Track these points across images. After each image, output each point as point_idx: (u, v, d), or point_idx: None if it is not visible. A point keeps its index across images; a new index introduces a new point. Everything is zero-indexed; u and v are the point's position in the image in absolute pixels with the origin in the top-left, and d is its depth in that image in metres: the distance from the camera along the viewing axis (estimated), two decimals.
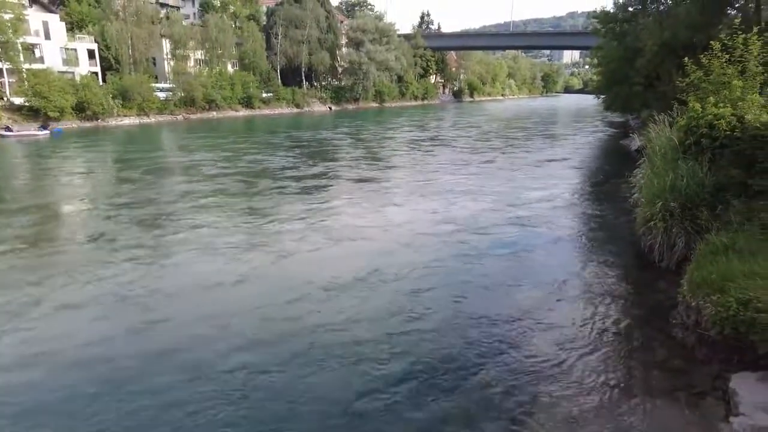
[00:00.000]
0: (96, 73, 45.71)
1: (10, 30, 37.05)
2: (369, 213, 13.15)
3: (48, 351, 6.14)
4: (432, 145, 28.56)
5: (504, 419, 4.86)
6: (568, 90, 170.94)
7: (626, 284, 8.11)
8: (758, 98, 8.38)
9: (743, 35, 9.21)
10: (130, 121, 43.78)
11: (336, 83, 71.82)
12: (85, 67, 45.38)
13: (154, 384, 5.42)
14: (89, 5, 50.50)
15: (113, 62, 46.99)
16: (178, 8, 63.32)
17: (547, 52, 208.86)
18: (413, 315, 7.06)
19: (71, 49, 44.67)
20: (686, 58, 10.42)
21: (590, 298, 7.49)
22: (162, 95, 47.88)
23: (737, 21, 11.20)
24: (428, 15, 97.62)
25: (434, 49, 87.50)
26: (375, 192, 15.84)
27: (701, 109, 8.53)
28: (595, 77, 43.74)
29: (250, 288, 8.17)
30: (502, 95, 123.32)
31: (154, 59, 52.26)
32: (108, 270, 8.76)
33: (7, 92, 38.65)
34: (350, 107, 68.51)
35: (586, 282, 8.14)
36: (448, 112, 63.96)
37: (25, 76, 37.84)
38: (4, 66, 38.84)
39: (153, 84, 47.32)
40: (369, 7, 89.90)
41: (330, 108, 66.09)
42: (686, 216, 7.96)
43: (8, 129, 33.82)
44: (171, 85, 49.79)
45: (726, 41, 9.34)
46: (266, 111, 57.42)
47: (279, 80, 61.54)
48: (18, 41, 38.10)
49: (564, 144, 29.73)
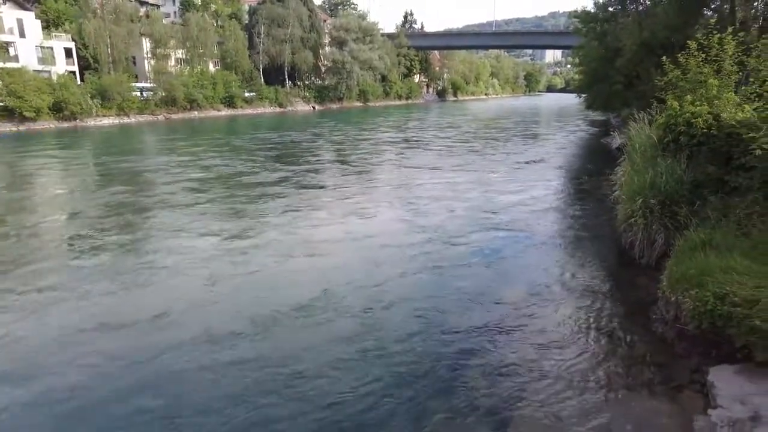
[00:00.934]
0: (74, 73, 44.75)
1: None
2: (329, 224, 11.74)
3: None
4: (407, 147, 27.67)
5: (487, 419, 4.87)
6: (551, 89, 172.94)
7: (607, 281, 8.20)
8: (733, 97, 8.55)
9: (718, 35, 9.39)
10: (110, 122, 42.99)
11: (320, 83, 71.54)
12: (62, 66, 44.40)
13: None
14: (66, 2, 49.45)
15: (91, 61, 46.02)
16: (158, 6, 62.30)
17: (530, 52, 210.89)
18: (378, 335, 6.43)
19: (47, 48, 43.66)
20: (664, 58, 10.59)
21: (572, 297, 7.56)
22: (142, 95, 47.13)
23: (713, 21, 11.41)
24: (411, 14, 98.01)
25: (418, 49, 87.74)
26: (340, 200, 14.35)
27: (679, 108, 8.69)
28: (577, 76, 44.33)
29: (169, 332, 6.53)
30: (486, 94, 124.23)
31: (134, 58, 51.38)
32: None
33: None
34: (334, 107, 68.28)
35: (568, 280, 8.20)
36: (431, 112, 63.91)
37: None
38: None
39: (133, 83, 46.52)
40: (352, 6, 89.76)
41: (314, 107, 65.79)
42: (665, 213, 8.08)
43: None
44: (151, 85, 49.00)
45: (702, 41, 9.52)
46: (249, 111, 56.91)
47: (262, 79, 61.03)
48: None
49: (545, 143, 29.69)
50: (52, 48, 44.20)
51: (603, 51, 24.70)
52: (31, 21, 43.13)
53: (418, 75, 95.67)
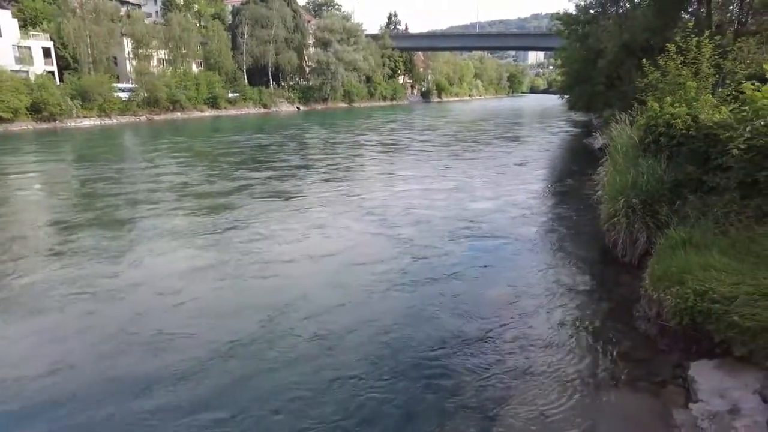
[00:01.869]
0: (52, 73, 43.91)
1: None
2: (287, 240, 10.38)
3: None
4: (383, 151, 26.43)
5: (472, 419, 4.91)
6: (534, 90, 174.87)
7: (591, 280, 8.33)
8: (711, 98, 8.79)
9: (696, 38, 9.63)
10: (90, 123, 42.28)
11: (304, 83, 71.31)
12: (41, 66, 43.56)
13: None
14: (44, 1, 48.48)
15: (71, 61, 45.21)
16: (140, 6, 61.50)
17: (513, 53, 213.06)
18: (340, 356, 5.96)
19: (25, 47, 42.80)
20: (644, 60, 10.83)
21: (556, 296, 7.66)
22: (124, 95, 46.43)
23: (690, 25, 11.70)
24: (395, 15, 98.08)
25: (402, 50, 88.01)
26: (301, 211, 12.99)
27: (659, 109, 8.89)
28: (559, 78, 44.93)
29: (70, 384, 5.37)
30: (469, 95, 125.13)
31: (116, 58, 50.63)
32: None
33: None
34: (319, 107, 68.13)
35: (552, 280, 8.30)
36: (414, 113, 63.83)
37: None
38: None
39: (114, 84, 45.82)
40: (336, 7, 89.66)
41: (298, 108, 65.57)
42: (647, 212, 8.25)
43: None
44: (133, 85, 48.32)
45: (680, 44, 9.76)
46: (232, 111, 56.50)
47: (245, 80, 60.64)
48: None
49: (528, 145, 29.48)
50: (30, 48, 43.33)
51: (585, 53, 25.10)
52: (8, 20, 42.22)
53: (403, 76, 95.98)
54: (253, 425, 4.77)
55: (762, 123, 6.60)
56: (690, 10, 18.81)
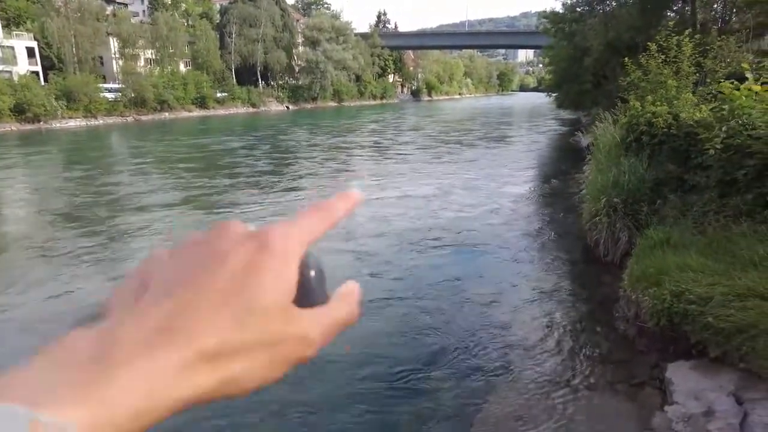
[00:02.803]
0: (36, 73, 43.30)
1: None
2: None
3: None
4: (364, 154, 25.16)
5: (450, 420, 4.88)
6: (524, 88, 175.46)
7: (573, 280, 8.32)
8: (691, 97, 8.80)
9: (677, 37, 9.65)
10: (76, 124, 41.77)
11: (293, 82, 71.01)
12: (24, 66, 42.96)
13: None
14: (27, 0, 47.80)
15: (56, 61, 44.64)
16: (126, 5, 60.83)
17: (503, 52, 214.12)
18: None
19: (8, 47, 42.19)
20: (626, 59, 10.84)
21: (537, 296, 7.63)
22: (111, 96, 45.91)
23: (671, 24, 11.74)
24: (385, 14, 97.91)
25: (392, 48, 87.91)
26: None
27: (641, 108, 8.89)
28: (548, 76, 45.11)
29: None
30: (459, 94, 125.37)
31: (102, 58, 50.03)
32: None
33: None
34: (308, 106, 67.85)
35: (533, 280, 8.28)
36: (403, 111, 63.36)
37: None
38: None
39: (101, 84, 45.29)
40: (325, 6, 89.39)
41: (287, 107, 65.31)
42: (628, 211, 8.25)
43: None
44: (120, 86, 47.80)
45: (662, 43, 9.77)
46: (221, 111, 56.13)
47: (234, 80, 60.25)
48: None
49: (514, 145, 28.71)
50: (13, 47, 42.72)
51: (572, 51, 25.18)
52: None
53: (393, 75, 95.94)
54: None
55: (738, 122, 6.60)
56: (675, 9, 18.91)
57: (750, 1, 13.46)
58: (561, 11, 26.93)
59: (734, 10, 16.16)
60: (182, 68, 56.12)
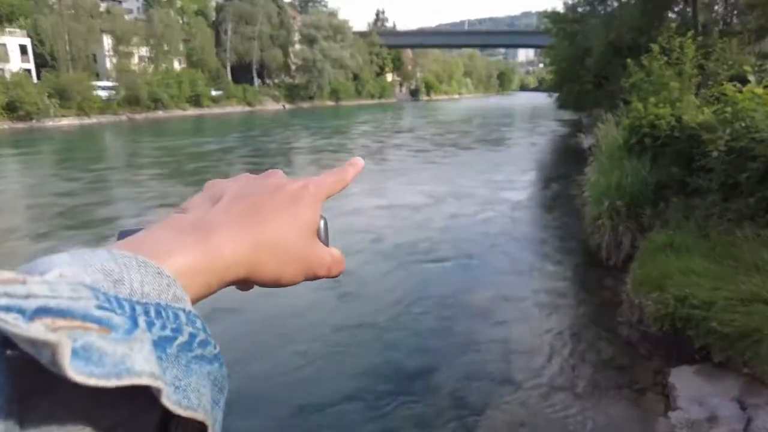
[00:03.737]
0: (29, 71, 42.90)
1: None
2: None
3: None
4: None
5: (451, 426, 4.82)
6: (524, 88, 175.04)
7: (576, 284, 8.26)
8: (694, 99, 8.76)
9: (679, 39, 9.61)
10: (69, 122, 41.36)
11: (290, 81, 70.69)
12: (17, 64, 42.52)
13: None
14: None
15: (49, 59, 44.23)
16: (120, 2, 60.42)
17: (503, 51, 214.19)
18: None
19: (0, 45, 41.73)
20: (629, 60, 10.79)
21: (540, 300, 7.58)
22: (104, 94, 45.51)
23: (674, 25, 11.68)
24: (383, 12, 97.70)
25: (390, 47, 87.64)
26: None
27: (643, 109, 8.84)
28: (549, 76, 45.02)
29: None
30: (459, 94, 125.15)
31: (95, 56, 49.62)
32: None
33: None
34: (305, 105, 67.45)
35: (536, 284, 8.23)
36: (398, 112, 62.70)
37: None
38: None
39: (94, 82, 44.90)
40: (322, 4, 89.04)
41: (284, 106, 65.00)
42: (631, 214, 8.20)
43: None
44: (113, 84, 47.41)
45: (664, 44, 9.73)
46: (216, 110, 55.78)
47: (229, 78, 59.92)
48: None
49: (513, 148, 27.76)
50: (6, 45, 42.24)
51: (573, 51, 25.04)
52: None
53: (391, 74, 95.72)
54: None
55: (742, 125, 6.56)
56: (676, 10, 18.89)
57: (751, 3, 13.46)
58: (562, 11, 26.86)
59: (735, 12, 16.16)
60: (177, 66, 55.69)
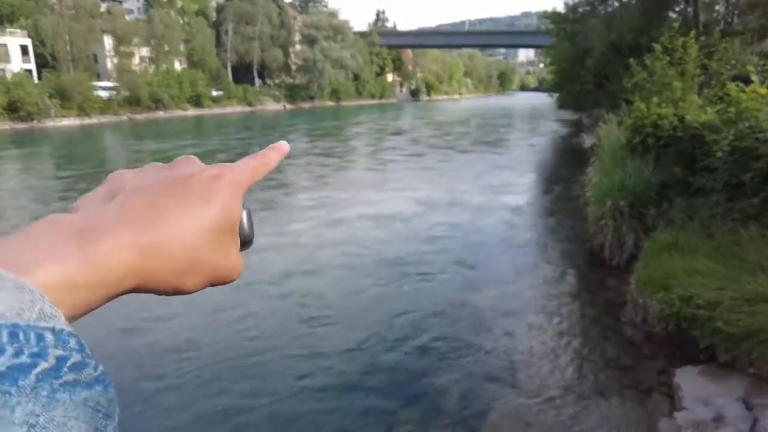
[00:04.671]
0: (30, 71, 42.90)
1: None
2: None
3: None
4: (340, 162, 22.49)
5: (456, 425, 4.81)
6: (524, 88, 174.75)
7: (579, 284, 8.25)
8: (696, 99, 8.75)
9: (682, 38, 9.60)
10: (70, 123, 41.37)
11: (290, 81, 70.66)
12: (18, 64, 42.54)
13: None
14: None
15: (50, 59, 44.22)
16: (121, 2, 60.41)
17: (503, 51, 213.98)
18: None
19: (1, 45, 41.76)
20: (631, 59, 10.78)
21: (543, 300, 7.57)
22: (105, 94, 45.50)
23: (676, 25, 11.67)
24: (383, 12, 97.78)
25: (390, 47, 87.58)
26: None
27: (646, 109, 8.83)
28: (549, 76, 44.98)
29: None
30: (459, 94, 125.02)
31: (96, 56, 49.61)
32: None
33: None
34: (306, 106, 67.42)
35: (539, 284, 8.21)
36: (397, 112, 62.51)
37: None
38: None
39: (95, 82, 44.89)
40: (323, 4, 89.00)
41: (284, 106, 64.97)
42: (634, 214, 8.18)
43: None
44: (114, 84, 47.40)
45: (666, 44, 9.71)
46: (217, 110, 55.73)
47: (230, 78, 59.91)
48: None
49: (513, 150, 27.05)
50: (7, 45, 42.27)
51: (573, 51, 25.02)
52: None
53: (392, 74, 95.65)
54: None
55: (746, 125, 6.54)
56: (677, 10, 18.87)
57: (753, 3, 13.44)
58: (562, 11, 26.84)
59: (736, 12, 16.13)
60: (178, 66, 55.67)
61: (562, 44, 27.58)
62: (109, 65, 50.54)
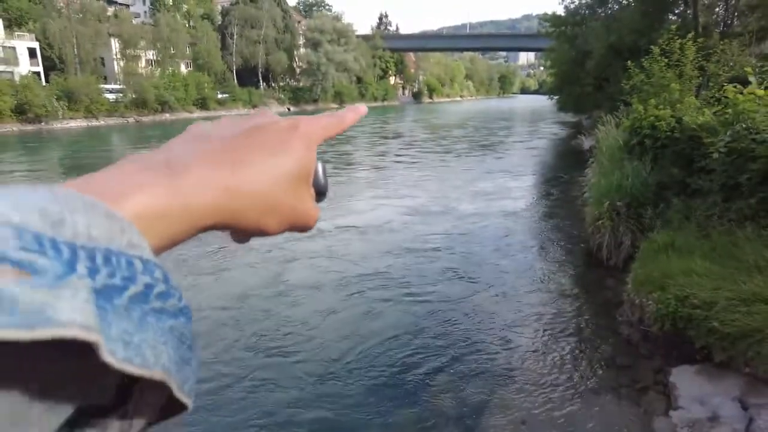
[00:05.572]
0: (38, 73, 43.33)
1: None
2: None
3: None
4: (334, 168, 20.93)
5: (452, 425, 4.85)
6: (525, 91, 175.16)
7: (576, 284, 8.28)
8: (694, 101, 8.79)
9: (680, 41, 9.65)
10: (77, 124, 41.77)
11: (294, 84, 71.06)
12: (26, 67, 42.98)
13: None
14: (29, 1, 47.87)
15: (57, 62, 44.67)
16: (128, 6, 60.95)
17: (504, 54, 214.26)
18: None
19: (9, 48, 42.20)
20: (630, 62, 10.83)
21: (540, 300, 7.61)
22: (111, 96, 45.92)
23: (674, 27, 11.71)
24: (386, 16, 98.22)
25: (393, 50, 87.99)
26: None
27: (644, 111, 8.88)
28: (549, 79, 45.06)
29: None
30: (461, 96, 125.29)
31: (103, 59, 50.08)
32: None
33: None
34: (309, 108, 67.76)
35: (536, 284, 8.25)
36: (398, 114, 62.85)
37: None
38: None
39: (102, 85, 45.32)
40: (327, 8, 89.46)
41: (289, 109, 65.27)
42: (631, 215, 8.22)
43: None
44: (121, 86, 47.82)
45: (664, 46, 9.77)
46: (222, 112, 56.04)
47: (235, 81, 60.31)
48: None
49: (512, 153, 26.77)
50: (15, 48, 42.73)
51: (573, 54, 25.14)
52: None
53: (394, 77, 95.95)
54: None
55: (743, 126, 6.59)
56: (677, 12, 18.90)
57: (752, 5, 13.46)
58: (562, 14, 26.94)
59: (736, 14, 16.16)
60: (183, 69, 56.14)
61: (562, 47, 27.69)
62: (116, 68, 50.99)
